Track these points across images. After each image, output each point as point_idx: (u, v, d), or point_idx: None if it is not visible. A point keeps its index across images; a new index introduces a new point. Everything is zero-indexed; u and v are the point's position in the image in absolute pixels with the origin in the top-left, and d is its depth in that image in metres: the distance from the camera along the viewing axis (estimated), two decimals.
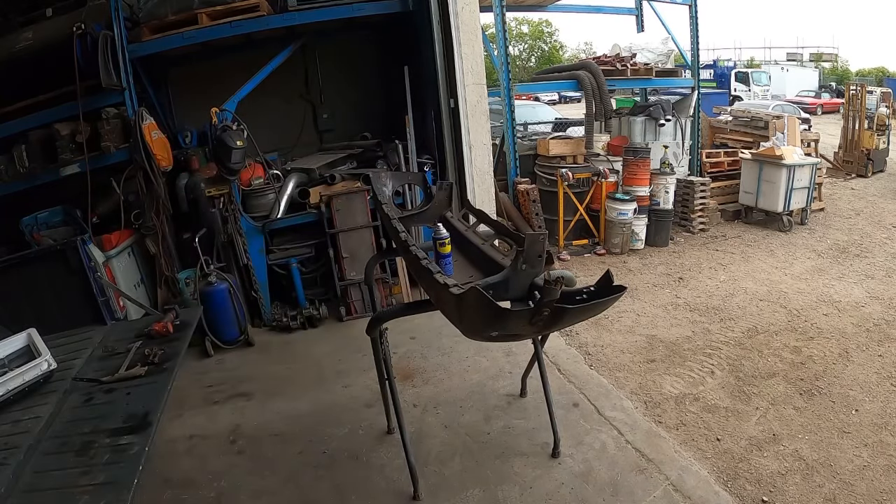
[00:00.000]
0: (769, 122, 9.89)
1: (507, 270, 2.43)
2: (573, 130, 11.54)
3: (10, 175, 5.45)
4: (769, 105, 18.92)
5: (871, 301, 5.93)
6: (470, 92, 6.01)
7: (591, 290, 2.24)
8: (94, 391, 2.71)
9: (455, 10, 5.80)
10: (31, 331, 3.00)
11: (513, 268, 2.37)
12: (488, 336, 2.41)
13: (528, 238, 2.31)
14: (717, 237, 8.40)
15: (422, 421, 3.97)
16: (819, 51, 41.82)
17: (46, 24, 5.59)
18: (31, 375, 2.74)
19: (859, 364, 4.73)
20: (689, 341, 5.22)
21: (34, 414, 2.57)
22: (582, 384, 4.36)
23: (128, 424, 2.40)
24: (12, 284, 4.48)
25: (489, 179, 6.39)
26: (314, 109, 7.35)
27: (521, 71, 34.80)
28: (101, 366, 2.94)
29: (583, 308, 2.16)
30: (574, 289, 2.33)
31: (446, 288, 2.26)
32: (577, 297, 2.21)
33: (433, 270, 2.49)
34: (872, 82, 23.42)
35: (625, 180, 7.84)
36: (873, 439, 3.77)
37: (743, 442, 3.79)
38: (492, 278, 2.44)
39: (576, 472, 3.37)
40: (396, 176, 4.38)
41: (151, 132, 5.23)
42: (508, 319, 2.15)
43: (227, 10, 5.61)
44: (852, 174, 12.28)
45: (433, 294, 2.68)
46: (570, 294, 2.28)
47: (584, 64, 9.59)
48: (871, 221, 8.96)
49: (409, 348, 5.01)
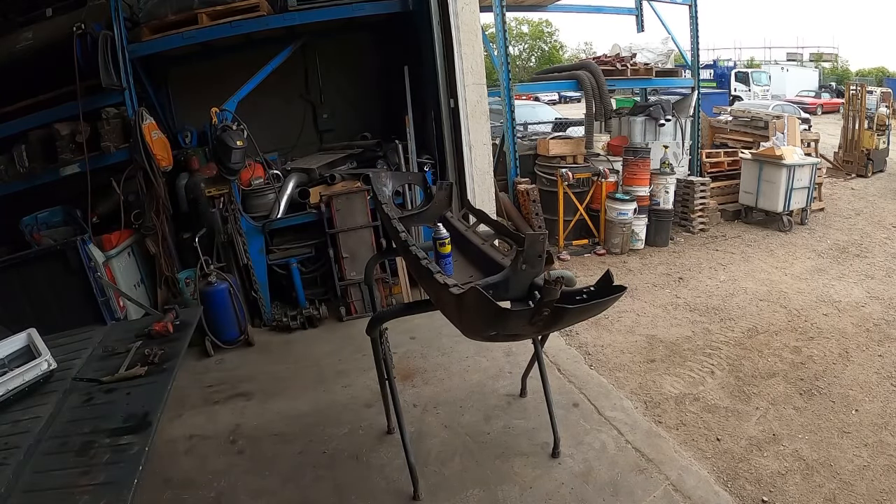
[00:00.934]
0: (769, 122, 9.89)
1: (506, 270, 2.43)
2: (573, 130, 11.54)
3: (10, 175, 5.46)
4: (769, 105, 18.92)
5: (871, 301, 5.93)
6: (470, 92, 6.01)
7: (590, 290, 2.24)
8: (94, 391, 2.71)
9: (455, 9, 5.80)
10: (31, 331, 3.00)
11: (513, 268, 2.37)
12: (488, 336, 2.40)
13: (527, 238, 2.30)
14: (717, 237, 8.40)
15: (422, 421, 3.97)
16: (819, 51, 41.83)
17: (46, 24, 5.59)
18: (32, 375, 2.75)
19: (859, 364, 4.73)
20: (689, 341, 5.22)
21: (34, 414, 2.57)
22: (582, 384, 4.36)
23: (128, 424, 2.40)
24: (12, 284, 4.50)
25: (489, 179, 6.39)
26: (314, 109, 7.35)
27: (521, 71, 34.80)
28: (101, 366, 2.94)
29: (582, 308, 2.16)
30: (574, 289, 2.33)
31: (446, 288, 2.25)
32: (577, 298, 2.20)
33: (433, 270, 2.49)
34: (872, 82, 23.40)
35: (625, 180, 7.83)
36: (873, 439, 3.77)
37: (743, 442, 3.79)
38: (492, 278, 2.44)
39: (576, 472, 3.37)
40: (396, 176, 4.39)
41: (151, 132, 5.24)
42: (508, 319, 2.14)
43: (227, 10, 5.61)
44: (852, 174, 12.28)
45: (433, 294, 2.67)
46: (570, 294, 2.27)
47: (584, 64, 9.60)
48: (871, 221, 8.96)
49: (409, 348, 5.02)
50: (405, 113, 6.31)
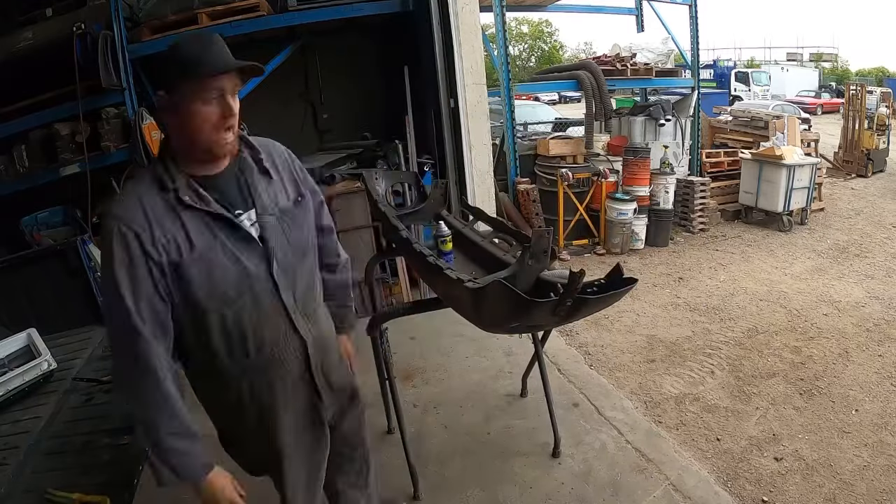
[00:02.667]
0: (769, 122, 9.90)
1: (514, 266, 2.44)
2: (573, 130, 11.53)
3: (10, 175, 5.46)
4: (769, 105, 18.90)
5: (871, 301, 5.92)
6: (470, 92, 6.01)
7: (601, 283, 2.26)
8: (95, 391, 2.71)
9: (455, 9, 5.79)
10: (31, 331, 3.00)
11: (520, 263, 2.38)
12: (509, 328, 2.46)
13: (534, 234, 2.33)
14: (716, 237, 8.40)
15: (422, 421, 3.97)
16: (819, 51, 41.85)
17: (46, 24, 5.60)
18: (32, 375, 2.74)
19: (859, 364, 4.73)
20: (689, 341, 5.22)
21: (34, 414, 2.57)
22: (582, 384, 4.35)
23: (128, 424, 2.40)
24: (12, 284, 4.50)
25: (489, 179, 6.39)
26: (314, 109, 7.34)
27: (521, 71, 34.73)
28: (102, 365, 2.93)
29: (600, 298, 2.19)
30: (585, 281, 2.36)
31: (461, 283, 2.29)
32: (589, 290, 2.22)
33: (443, 266, 2.52)
34: (872, 82, 23.39)
35: (625, 180, 7.83)
36: (873, 439, 3.77)
37: (743, 442, 3.79)
38: (500, 273, 2.45)
39: (576, 472, 3.37)
40: (388, 175, 4.38)
41: (151, 132, 5.23)
42: (534, 310, 2.16)
43: (227, 10, 5.61)
44: (852, 174, 12.27)
45: (441, 290, 2.69)
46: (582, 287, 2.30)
47: (584, 64, 9.60)
48: (871, 221, 8.96)
49: (409, 348, 5.00)
50: (405, 113, 6.30)
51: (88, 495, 1.99)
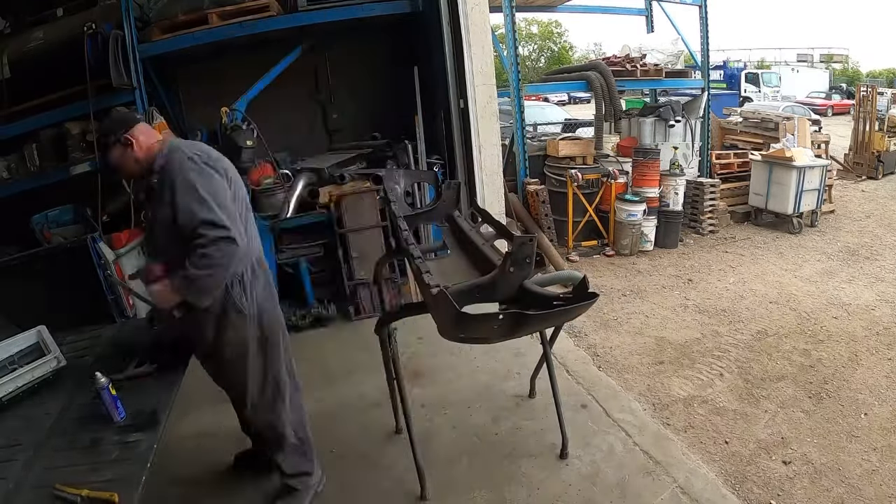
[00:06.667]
0: (779, 124, 9.84)
1: (494, 272, 2.42)
2: (583, 131, 11.50)
3: (21, 173, 5.50)
4: (779, 106, 18.83)
5: (881, 304, 5.89)
6: (480, 92, 5.99)
7: (568, 297, 2.25)
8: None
9: (465, 10, 5.78)
10: (41, 328, 3.02)
11: (501, 270, 2.36)
12: (457, 337, 2.45)
13: (515, 240, 2.31)
14: (726, 239, 8.37)
15: (430, 421, 3.97)
16: (830, 52, 41.53)
17: (57, 24, 5.64)
18: (41, 372, 2.77)
19: (868, 367, 4.70)
20: (698, 343, 5.20)
21: (43, 410, 2.59)
22: (590, 386, 4.34)
23: (136, 422, 2.41)
24: (23, 282, 4.52)
25: (499, 180, 6.38)
26: (324, 109, 7.35)
27: (531, 71, 34.62)
28: (110, 363, 2.95)
29: (545, 315, 2.17)
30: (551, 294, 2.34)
31: (428, 287, 2.32)
32: (556, 303, 2.22)
33: (423, 269, 2.54)
34: (883, 83, 23.30)
35: (634, 181, 7.81)
36: (882, 443, 3.75)
37: (751, 445, 3.78)
38: (479, 280, 2.45)
39: (583, 474, 3.36)
40: (408, 174, 4.38)
41: (162, 132, 5.25)
42: (471, 323, 2.16)
43: (237, 10, 5.63)
44: (863, 176, 12.19)
45: (422, 293, 2.72)
46: (548, 298, 2.29)
47: (594, 64, 9.57)
48: (882, 224, 8.91)
49: (417, 348, 5.01)
50: (415, 113, 6.31)
51: (96, 492, 2.00)
